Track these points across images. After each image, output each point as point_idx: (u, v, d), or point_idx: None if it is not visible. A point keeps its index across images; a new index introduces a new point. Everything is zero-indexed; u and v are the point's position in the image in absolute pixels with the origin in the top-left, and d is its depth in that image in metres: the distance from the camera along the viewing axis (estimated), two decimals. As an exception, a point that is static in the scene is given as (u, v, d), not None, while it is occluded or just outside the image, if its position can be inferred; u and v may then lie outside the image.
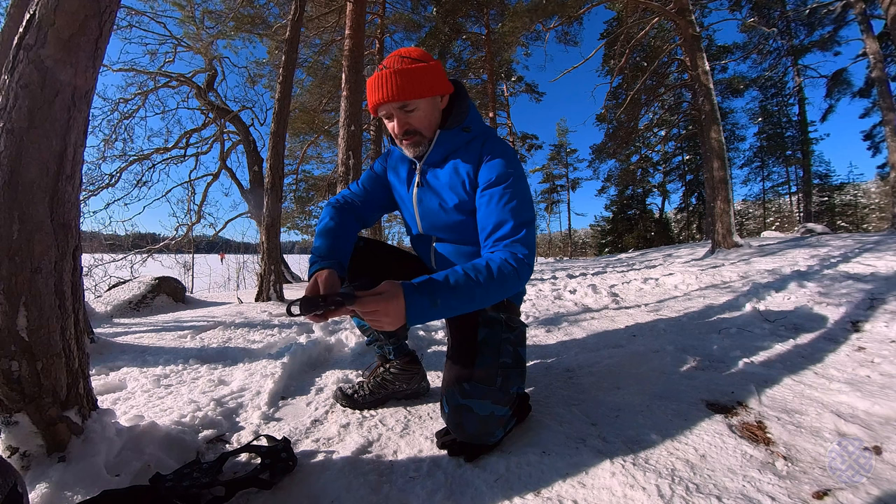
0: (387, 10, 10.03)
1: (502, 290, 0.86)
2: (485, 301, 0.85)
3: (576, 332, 2.11)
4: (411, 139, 1.02)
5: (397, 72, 0.93)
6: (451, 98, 1.05)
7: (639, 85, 9.39)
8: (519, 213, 0.94)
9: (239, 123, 8.36)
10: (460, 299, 0.81)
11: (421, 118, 1.00)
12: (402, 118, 0.99)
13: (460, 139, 1.04)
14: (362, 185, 1.22)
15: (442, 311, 0.81)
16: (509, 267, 0.87)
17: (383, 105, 0.97)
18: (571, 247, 30.63)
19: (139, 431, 0.98)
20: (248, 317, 3.07)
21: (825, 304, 1.96)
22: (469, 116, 1.05)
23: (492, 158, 1.00)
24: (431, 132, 1.04)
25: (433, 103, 1.01)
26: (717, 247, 5.66)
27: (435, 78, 0.98)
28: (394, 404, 1.25)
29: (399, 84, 0.93)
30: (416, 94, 0.95)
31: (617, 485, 0.79)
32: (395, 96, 0.94)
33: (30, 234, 0.81)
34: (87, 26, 0.88)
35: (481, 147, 1.03)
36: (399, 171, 1.16)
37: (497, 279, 0.84)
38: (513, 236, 0.92)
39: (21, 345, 0.80)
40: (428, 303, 0.78)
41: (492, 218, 0.95)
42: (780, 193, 21.32)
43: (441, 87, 1.00)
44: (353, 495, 0.82)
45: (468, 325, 1.02)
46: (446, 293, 0.80)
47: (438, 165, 1.08)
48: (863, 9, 8.80)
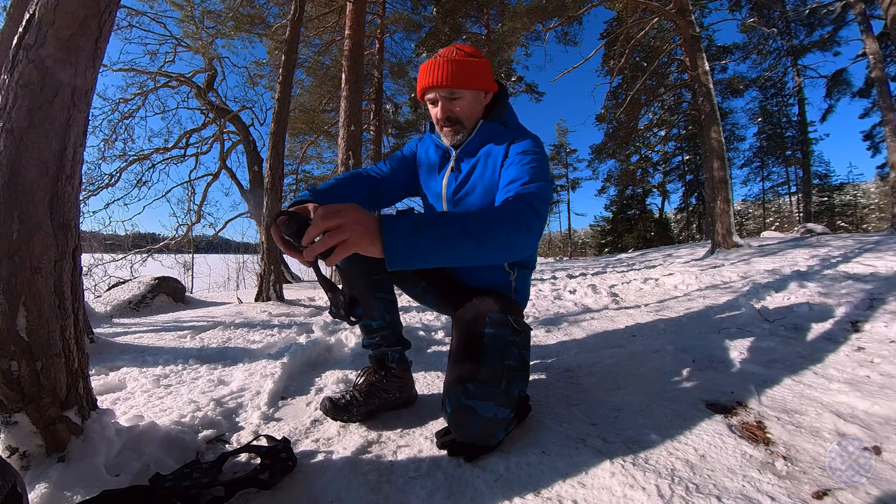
0: (387, 10, 10.03)
1: (505, 229, 0.77)
2: (483, 240, 0.74)
3: (576, 332, 2.11)
4: (452, 126, 1.09)
5: (451, 61, 1.02)
6: (494, 97, 1.14)
7: (639, 85, 9.39)
8: (537, 175, 0.96)
9: (239, 123, 8.35)
10: (451, 230, 0.71)
11: (464, 107, 1.07)
12: (446, 105, 1.07)
13: (497, 131, 1.11)
14: (389, 163, 1.26)
15: (428, 242, 0.68)
16: (517, 207, 0.82)
17: (432, 89, 1.05)
18: (571, 247, 30.63)
19: (139, 431, 0.98)
20: (247, 317, 3.06)
21: (825, 305, 1.96)
22: (507, 114, 1.14)
23: (520, 141, 1.07)
24: (472, 123, 1.11)
25: (477, 97, 1.09)
26: (717, 247, 5.66)
27: (483, 74, 1.06)
28: (386, 409, 1.21)
29: (451, 72, 1.02)
30: (464, 85, 1.03)
31: (617, 485, 0.79)
32: (445, 82, 1.02)
33: (29, 234, 0.81)
34: (86, 26, 0.87)
35: (513, 135, 1.10)
36: (430, 156, 1.22)
37: (498, 217, 0.78)
38: (528, 185, 0.92)
39: (20, 345, 0.80)
40: (409, 226, 0.67)
41: (510, 175, 0.98)
42: (779, 193, 21.35)
43: (487, 83, 1.08)
44: (353, 495, 0.82)
45: (474, 325, 1.02)
46: (433, 222, 0.70)
47: (473, 154, 1.13)
48: (863, 9, 8.80)
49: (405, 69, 11.54)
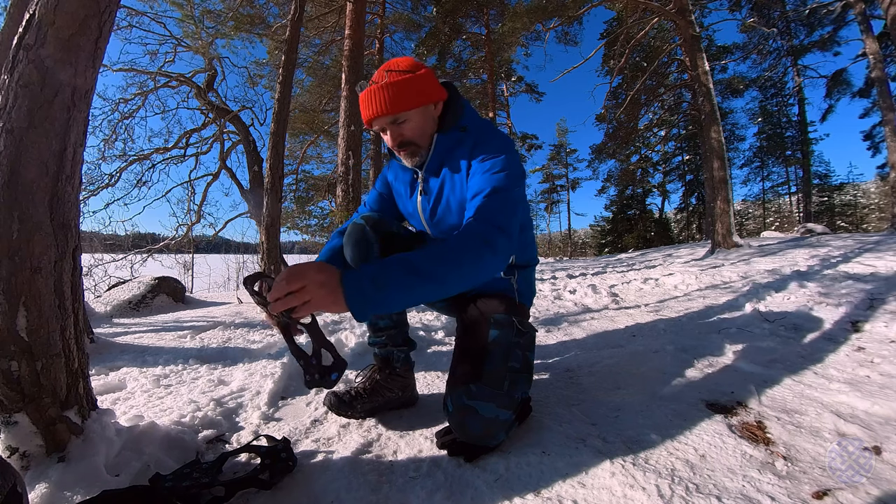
0: (387, 10, 10.04)
1: (466, 262, 0.77)
2: (444, 277, 0.75)
3: (576, 332, 2.11)
4: (407, 150, 1.03)
5: (384, 86, 0.94)
6: (446, 102, 1.05)
7: (639, 85, 9.40)
8: (501, 182, 0.91)
9: (239, 123, 8.35)
10: (410, 278, 0.72)
11: (414, 128, 1.00)
12: (395, 130, 1.00)
13: (457, 139, 1.04)
14: (369, 206, 1.23)
15: (390, 293, 0.71)
16: (477, 231, 0.81)
17: (375, 120, 0.98)
18: (571, 247, 30.63)
19: (139, 431, 0.98)
20: (247, 317, 3.06)
21: (825, 305, 1.96)
22: (464, 116, 1.05)
23: (482, 145, 1.00)
24: (427, 140, 1.04)
25: (425, 112, 1.01)
26: (717, 247, 5.66)
27: (424, 87, 0.98)
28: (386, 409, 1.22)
29: (387, 98, 0.94)
30: (405, 106, 0.96)
31: (617, 485, 0.79)
32: (384, 110, 0.95)
33: (29, 234, 0.81)
34: (86, 26, 0.87)
35: (474, 140, 1.03)
36: (402, 181, 1.17)
37: (457, 250, 0.77)
38: (491, 197, 0.88)
39: (21, 345, 0.80)
40: (369, 281, 0.69)
41: (474, 187, 0.94)
42: (779, 193, 21.35)
43: (432, 94, 1.00)
44: (353, 495, 0.82)
45: (478, 326, 1.02)
46: (393, 271, 0.71)
47: (438, 171, 1.07)
48: (863, 9, 8.81)
49: (405, 69, 11.51)
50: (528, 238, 1.17)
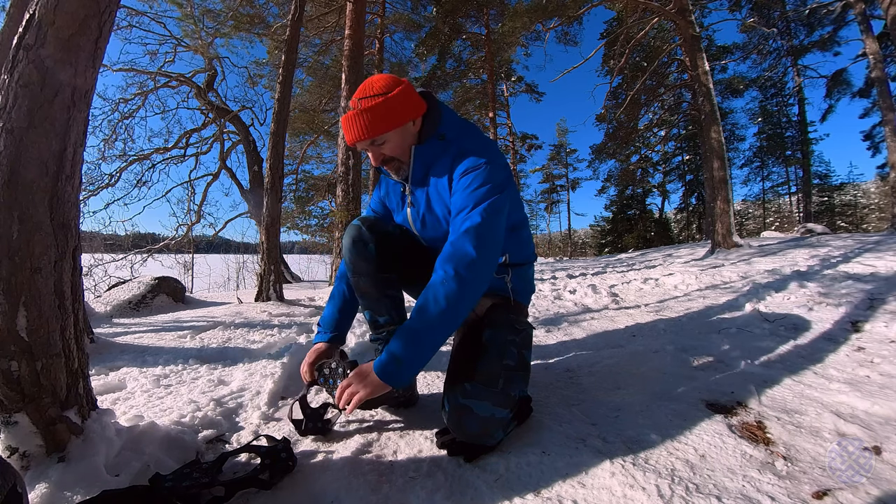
0: (387, 10, 10.03)
1: (466, 294, 0.88)
2: (451, 319, 0.88)
3: (576, 332, 2.11)
4: (391, 166, 1.07)
5: (361, 112, 0.97)
6: (424, 114, 1.06)
7: (639, 85, 9.38)
8: (482, 196, 0.94)
9: (239, 123, 8.36)
10: (421, 342, 0.87)
11: (394, 147, 1.03)
12: (375, 151, 1.03)
13: (436, 149, 1.05)
14: None
15: (414, 362, 0.87)
16: (459, 256, 0.89)
17: (356, 143, 1.02)
18: (571, 247, 30.62)
19: (139, 431, 0.98)
20: (247, 317, 3.07)
21: (825, 305, 1.96)
22: (442, 123, 1.06)
23: (463, 155, 1.01)
24: (409, 155, 1.06)
25: (404, 130, 1.02)
26: (717, 247, 5.66)
27: (399, 107, 0.99)
28: (386, 409, 1.23)
29: (365, 123, 0.97)
30: (381, 129, 0.98)
31: (617, 485, 0.79)
32: (363, 135, 0.98)
33: (29, 234, 0.81)
34: (86, 26, 0.87)
35: (455, 150, 1.04)
36: (392, 192, 1.20)
37: (447, 290, 0.87)
38: (472, 214, 0.93)
39: (21, 345, 0.80)
40: (393, 365, 0.85)
41: (456, 205, 0.97)
42: (779, 193, 21.33)
43: (409, 113, 1.01)
44: (353, 495, 0.82)
45: (473, 325, 1.02)
46: (406, 346, 0.86)
47: (423, 182, 1.09)
48: (863, 9, 8.81)
49: (405, 69, 11.55)
50: (522, 236, 1.17)
